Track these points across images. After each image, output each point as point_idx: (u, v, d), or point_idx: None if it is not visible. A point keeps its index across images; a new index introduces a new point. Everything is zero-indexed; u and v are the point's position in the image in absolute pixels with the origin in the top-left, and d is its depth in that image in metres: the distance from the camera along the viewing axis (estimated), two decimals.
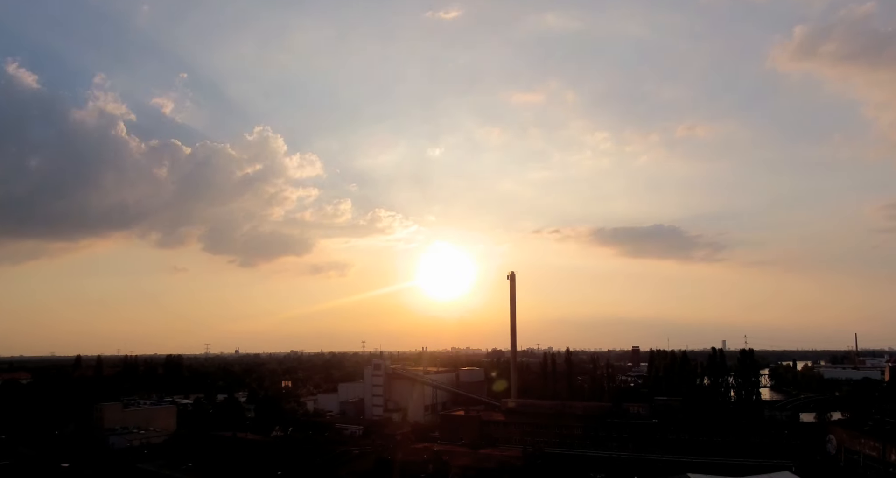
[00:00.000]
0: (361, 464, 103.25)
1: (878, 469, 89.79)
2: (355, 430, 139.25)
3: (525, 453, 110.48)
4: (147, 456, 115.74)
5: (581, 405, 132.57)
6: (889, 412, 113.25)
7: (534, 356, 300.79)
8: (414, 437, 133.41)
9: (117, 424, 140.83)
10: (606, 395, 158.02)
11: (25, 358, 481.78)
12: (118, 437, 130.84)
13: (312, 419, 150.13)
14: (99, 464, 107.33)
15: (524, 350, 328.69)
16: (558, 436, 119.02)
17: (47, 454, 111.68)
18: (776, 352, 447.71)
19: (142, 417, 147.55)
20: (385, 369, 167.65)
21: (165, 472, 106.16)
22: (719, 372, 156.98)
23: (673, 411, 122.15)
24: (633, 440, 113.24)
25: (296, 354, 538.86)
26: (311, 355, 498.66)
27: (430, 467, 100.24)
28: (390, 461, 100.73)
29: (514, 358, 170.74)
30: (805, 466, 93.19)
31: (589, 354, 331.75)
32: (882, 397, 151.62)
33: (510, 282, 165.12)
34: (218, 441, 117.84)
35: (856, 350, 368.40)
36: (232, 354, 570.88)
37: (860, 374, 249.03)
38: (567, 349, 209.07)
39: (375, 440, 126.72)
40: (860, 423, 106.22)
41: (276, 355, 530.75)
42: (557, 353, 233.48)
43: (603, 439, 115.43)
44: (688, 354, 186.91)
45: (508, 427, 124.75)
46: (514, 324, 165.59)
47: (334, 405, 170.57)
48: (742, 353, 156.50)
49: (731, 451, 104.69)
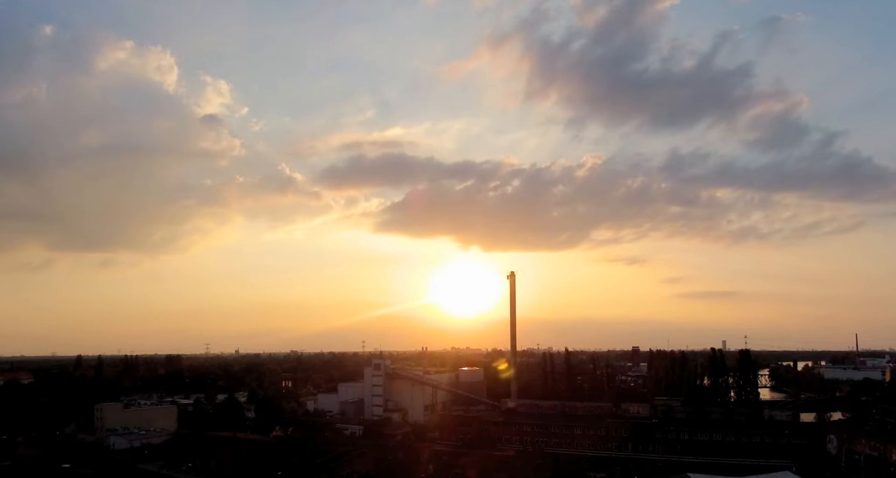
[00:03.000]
0: (361, 464, 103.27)
1: (878, 470, 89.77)
2: (355, 430, 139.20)
3: (525, 454, 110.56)
4: (147, 456, 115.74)
5: (581, 405, 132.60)
6: (890, 413, 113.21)
7: (534, 356, 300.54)
8: (414, 437, 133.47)
9: (118, 424, 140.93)
10: (606, 395, 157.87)
11: (26, 358, 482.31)
12: (119, 437, 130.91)
13: (312, 419, 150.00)
14: (99, 464, 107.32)
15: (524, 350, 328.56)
16: (558, 436, 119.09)
17: (48, 454, 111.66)
18: (776, 352, 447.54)
19: (142, 417, 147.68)
20: (385, 369, 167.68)
21: (166, 472, 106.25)
22: (719, 372, 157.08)
23: (673, 412, 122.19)
24: (633, 440, 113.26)
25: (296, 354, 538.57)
26: (311, 355, 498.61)
27: (430, 467, 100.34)
28: (390, 461, 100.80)
29: (514, 358, 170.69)
30: (805, 466, 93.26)
31: (589, 355, 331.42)
32: (883, 398, 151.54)
33: (510, 282, 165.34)
34: (218, 441, 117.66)
35: (856, 351, 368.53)
36: (232, 354, 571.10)
37: (861, 374, 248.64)
38: (567, 349, 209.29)
39: (375, 440, 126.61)
40: (861, 423, 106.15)
41: (276, 355, 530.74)
42: (557, 353, 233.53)
43: (603, 439, 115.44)
44: (687, 355, 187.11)
45: (508, 427, 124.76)
46: (513, 324, 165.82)
47: (334, 405, 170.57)
48: (741, 353, 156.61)
49: (731, 451, 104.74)
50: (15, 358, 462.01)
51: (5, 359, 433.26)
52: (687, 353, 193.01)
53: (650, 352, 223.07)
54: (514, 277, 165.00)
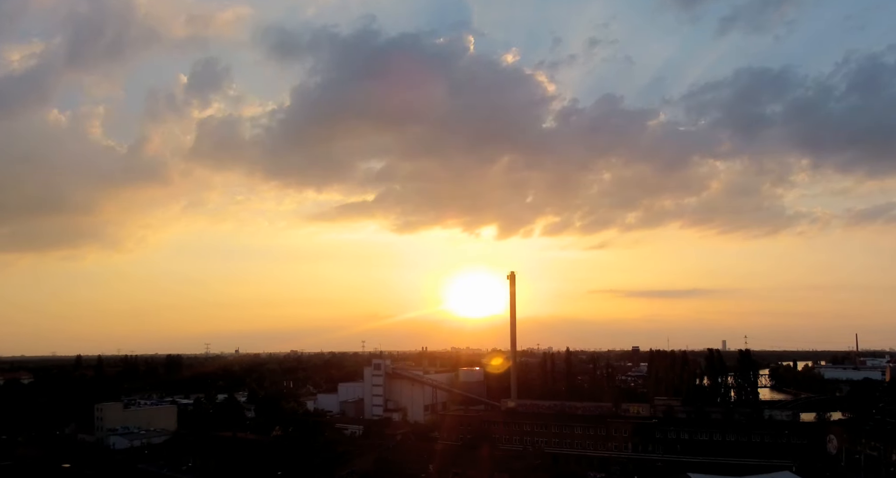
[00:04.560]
0: (361, 464, 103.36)
1: (878, 470, 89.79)
2: (355, 430, 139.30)
3: (525, 454, 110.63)
4: (148, 456, 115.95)
5: (581, 405, 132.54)
6: (890, 413, 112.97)
7: (534, 356, 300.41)
8: (414, 437, 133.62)
9: (118, 424, 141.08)
10: (606, 395, 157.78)
11: (27, 358, 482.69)
12: (119, 437, 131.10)
13: (312, 419, 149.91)
14: (100, 464, 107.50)
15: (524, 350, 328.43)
16: (558, 436, 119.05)
17: (48, 454, 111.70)
18: (776, 352, 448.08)
19: (142, 417, 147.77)
20: (385, 369, 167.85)
21: (166, 472, 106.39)
22: (719, 372, 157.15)
23: (673, 411, 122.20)
24: (633, 440, 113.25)
25: (296, 354, 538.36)
26: (311, 355, 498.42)
27: (430, 467, 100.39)
28: (390, 461, 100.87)
29: (515, 358, 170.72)
30: (805, 466, 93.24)
31: (589, 354, 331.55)
32: (883, 398, 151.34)
33: (510, 282, 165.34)
34: (218, 441, 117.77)
35: (856, 351, 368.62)
36: (232, 354, 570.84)
37: (861, 374, 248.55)
38: (567, 349, 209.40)
39: (375, 440, 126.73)
40: (861, 423, 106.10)
41: (276, 355, 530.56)
42: (557, 353, 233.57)
43: (603, 439, 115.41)
44: (687, 355, 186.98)
45: (508, 427, 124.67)
46: (513, 324, 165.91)
47: (334, 405, 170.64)
48: (742, 353, 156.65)
49: (731, 451, 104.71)
50: (15, 358, 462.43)
51: (5, 359, 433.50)
52: (687, 353, 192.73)
53: (650, 352, 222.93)
54: (514, 277, 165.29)
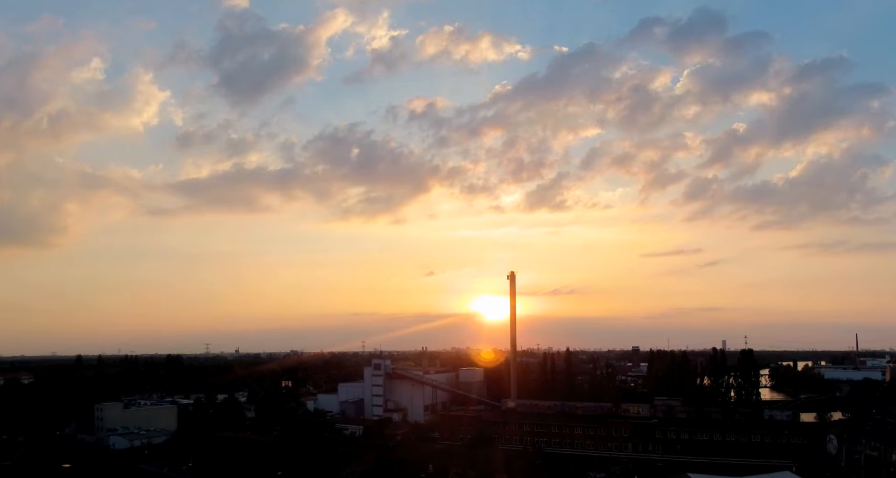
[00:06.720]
0: (361, 464, 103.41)
1: (878, 470, 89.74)
2: (355, 430, 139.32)
3: (525, 453, 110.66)
4: (148, 456, 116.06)
5: (581, 405, 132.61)
6: (890, 413, 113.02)
7: (534, 356, 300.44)
8: (414, 437, 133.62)
9: (118, 424, 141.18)
10: (606, 395, 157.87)
11: (27, 358, 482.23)
12: (119, 437, 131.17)
13: (313, 419, 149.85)
14: (100, 464, 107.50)
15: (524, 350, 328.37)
16: (558, 436, 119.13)
17: (48, 454, 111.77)
18: (776, 352, 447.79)
19: (142, 417, 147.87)
20: (385, 369, 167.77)
21: (166, 472, 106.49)
22: (719, 372, 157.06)
23: (673, 411, 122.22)
24: (633, 440, 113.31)
25: (296, 354, 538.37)
26: (311, 355, 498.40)
27: (430, 467, 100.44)
28: (390, 461, 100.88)
29: (515, 358, 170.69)
30: (805, 466, 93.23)
31: (589, 354, 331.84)
32: (883, 398, 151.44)
33: (510, 282, 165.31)
34: (218, 441, 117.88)
35: (856, 351, 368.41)
36: (232, 354, 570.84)
37: (861, 374, 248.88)
38: (567, 349, 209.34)
39: (375, 440, 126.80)
40: (861, 423, 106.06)
41: (276, 355, 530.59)
42: (557, 353, 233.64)
43: (603, 439, 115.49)
44: (688, 355, 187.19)
45: (508, 427, 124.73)
46: (513, 324, 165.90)
47: (334, 405, 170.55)
48: (742, 353, 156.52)
49: (731, 451, 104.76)
50: (15, 358, 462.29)
51: (5, 359, 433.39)
52: (687, 353, 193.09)
53: (650, 352, 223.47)
54: (514, 277, 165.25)
